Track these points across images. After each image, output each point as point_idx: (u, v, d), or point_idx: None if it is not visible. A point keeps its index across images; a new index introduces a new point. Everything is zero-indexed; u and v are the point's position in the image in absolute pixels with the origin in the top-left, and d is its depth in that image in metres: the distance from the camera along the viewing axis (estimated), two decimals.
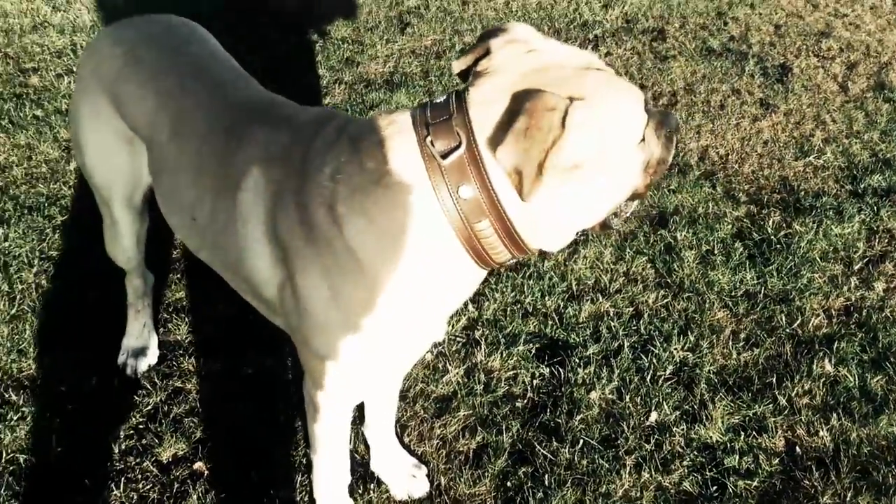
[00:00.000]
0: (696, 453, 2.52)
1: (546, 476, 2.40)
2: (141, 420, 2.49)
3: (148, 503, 2.26)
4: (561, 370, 2.75)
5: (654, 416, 2.64)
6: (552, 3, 5.54)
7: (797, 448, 2.57)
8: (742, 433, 2.59)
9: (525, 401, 2.67)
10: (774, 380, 2.77)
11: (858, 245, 3.42)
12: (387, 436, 2.36)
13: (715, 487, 2.42)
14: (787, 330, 2.98)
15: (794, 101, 4.53)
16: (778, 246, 3.38)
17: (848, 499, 2.39)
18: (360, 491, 2.32)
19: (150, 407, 2.53)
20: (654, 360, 2.81)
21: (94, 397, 2.55)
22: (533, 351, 2.84)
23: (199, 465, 2.36)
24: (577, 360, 2.79)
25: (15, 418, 2.44)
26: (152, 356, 2.65)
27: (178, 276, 3.05)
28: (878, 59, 5.05)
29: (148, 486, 2.29)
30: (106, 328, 2.76)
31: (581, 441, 2.52)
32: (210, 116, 1.82)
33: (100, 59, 2.08)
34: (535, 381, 2.73)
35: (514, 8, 5.45)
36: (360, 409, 2.35)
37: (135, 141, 2.06)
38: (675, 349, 2.86)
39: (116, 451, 2.38)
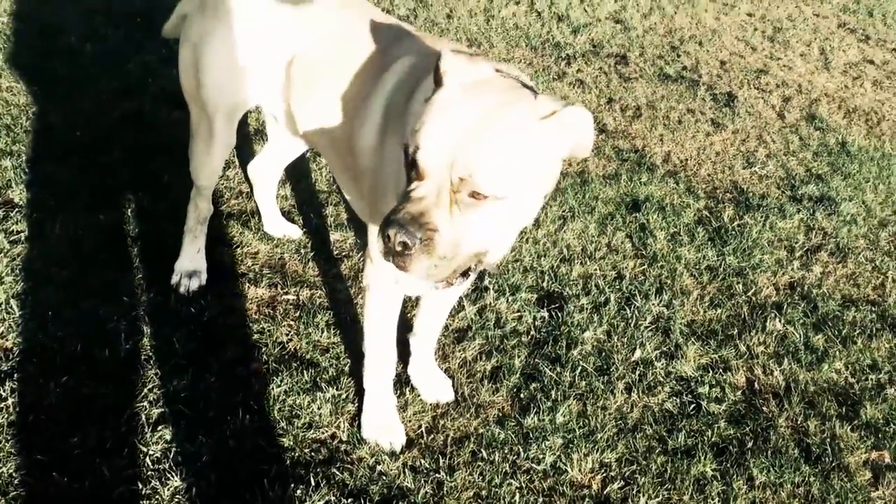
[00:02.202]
0: (674, 382, 2.98)
1: (553, 391, 2.81)
2: (199, 327, 2.77)
3: (213, 389, 2.54)
4: (559, 314, 3.18)
5: (638, 352, 3.08)
6: (528, 24, 6.10)
7: (755, 384, 3.05)
8: (711, 371, 3.06)
9: (529, 337, 3.08)
10: (736, 332, 3.27)
11: (799, 237, 4.01)
12: (427, 348, 2.73)
13: (692, 407, 2.87)
14: (744, 297, 3.50)
15: (740, 122, 5.17)
16: (733, 232, 3.92)
17: (799, 422, 2.88)
18: (397, 393, 2.67)
19: (206, 318, 2.82)
20: (636, 312, 3.27)
21: (156, 309, 2.82)
22: (534, 299, 3.26)
23: (255, 366, 2.66)
24: (571, 308, 3.22)
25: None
26: (203, 278, 2.95)
27: (220, 217, 3.36)
28: (809, 95, 5.78)
29: (213, 379, 2.58)
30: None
31: (580, 367, 2.93)
32: (368, 28, 2.37)
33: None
34: (536, 322, 3.15)
35: (493, 25, 5.98)
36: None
37: (246, 71, 2.47)
38: (653, 304, 3.33)
39: (180, 350, 2.66)
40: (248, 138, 4.00)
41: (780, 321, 3.36)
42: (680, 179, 4.35)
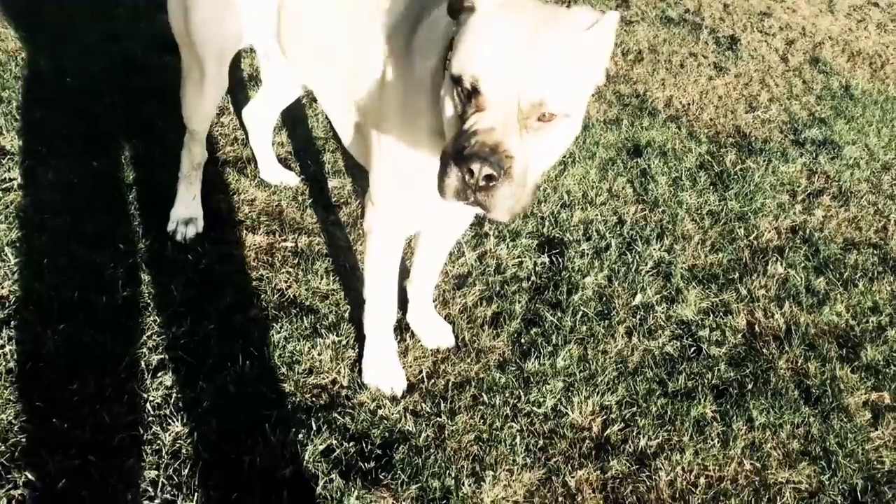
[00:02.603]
0: (674, 326, 2.97)
1: (553, 336, 2.80)
2: (196, 274, 2.75)
3: (212, 336, 2.53)
4: (559, 259, 3.15)
5: (639, 297, 3.06)
6: None
7: (756, 327, 3.04)
8: (711, 314, 3.05)
9: (530, 282, 3.06)
10: (737, 276, 3.25)
11: (801, 181, 3.97)
12: (425, 294, 2.70)
13: (692, 350, 2.86)
14: (745, 241, 3.47)
15: (743, 66, 5.08)
16: (735, 177, 3.88)
17: (799, 364, 2.88)
18: (397, 339, 2.65)
19: (203, 266, 2.79)
20: (637, 257, 3.24)
21: (153, 257, 2.80)
22: (534, 244, 3.23)
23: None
24: (572, 253, 3.19)
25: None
26: (200, 225, 2.91)
27: (216, 164, 3.31)
28: (813, 38, 5.68)
29: (212, 326, 2.56)
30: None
31: (580, 312, 2.92)
32: None
33: None
34: (537, 268, 3.12)
35: None
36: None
37: (237, 7, 2.38)
38: (654, 249, 3.30)
39: (178, 297, 2.64)
40: (242, 83, 3.93)
41: (781, 265, 3.34)
42: (682, 124, 4.29)
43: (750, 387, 2.73)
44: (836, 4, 6.38)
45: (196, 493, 2.08)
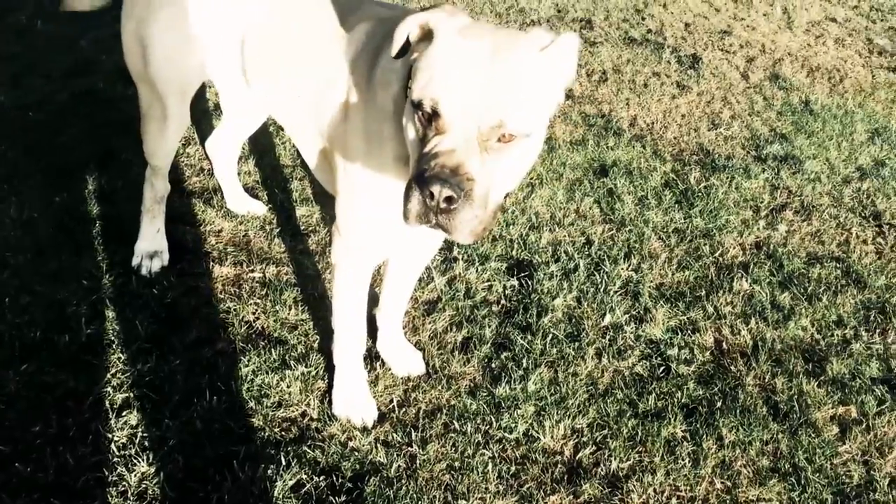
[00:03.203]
0: (644, 346, 2.98)
1: (524, 359, 2.80)
2: (162, 308, 2.72)
3: (178, 372, 2.50)
4: (529, 282, 3.17)
5: (608, 318, 3.08)
6: None
7: (724, 344, 3.07)
8: (679, 333, 3.07)
9: (500, 306, 3.07)
10: (703, 293, 3.28)
11: (764, 197, 4.03)
12: (394, 322, 2.70)
13: (661, 370, 2.88)
14: (711, 258, 3.51)
15: (705, 84, 5.17)
16: (699, 194, 3.93)
17: (766, 380, 2.91)
18: (367, 367, 2.64)
19: (169, 300, 2.77)
20: (605, 277, 3.27)
21: (117, 292, 2.76)
22: (503, 268, 3.24)
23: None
24: (541, 275, 3.21)
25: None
26: (165, 258, 2.89)
27: (181, 195, 3.29)
28: (772, 55, 5.79)
29: (178, 361, 2.54)
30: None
31: (550, 335, 2.93)
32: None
33: None
34: (506, 291, 3.13)
35: None
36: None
37: (198, 44, 2.38)
38: (622, 269, 3.33)
39: (144, 333, 2.61)
40: (207, 113, 3.92)
41: (746, 281, 3.38)
42: (646, 143, 4.34)
43: (719, 405, 2.75)
44: (794, 21, 6.51)
45: None
